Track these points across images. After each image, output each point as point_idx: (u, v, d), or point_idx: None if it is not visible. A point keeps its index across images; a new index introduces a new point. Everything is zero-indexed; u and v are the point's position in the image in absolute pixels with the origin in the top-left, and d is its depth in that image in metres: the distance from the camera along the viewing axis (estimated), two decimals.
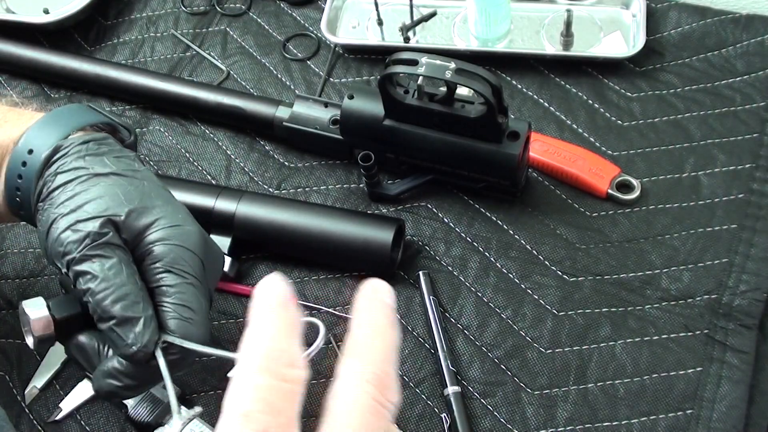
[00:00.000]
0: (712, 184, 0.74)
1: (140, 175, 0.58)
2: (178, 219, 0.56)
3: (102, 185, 0.56)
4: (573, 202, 0.75)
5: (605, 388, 0.66)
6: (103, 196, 0.55)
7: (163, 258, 0.54)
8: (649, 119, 0.79)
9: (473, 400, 0.67)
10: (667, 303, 0.69)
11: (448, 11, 0.87)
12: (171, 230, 0.55)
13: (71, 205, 0.55)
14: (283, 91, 0.86)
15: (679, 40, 0.83)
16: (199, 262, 0.56)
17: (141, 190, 0.56)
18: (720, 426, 0.63)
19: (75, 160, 0.56)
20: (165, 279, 0.54)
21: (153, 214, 0.56)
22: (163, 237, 0.55)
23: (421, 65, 0.66)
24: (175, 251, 0.55)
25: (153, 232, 0.55)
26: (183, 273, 0.54)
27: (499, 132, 0.69)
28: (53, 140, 0.57)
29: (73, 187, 0.56)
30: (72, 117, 0.60)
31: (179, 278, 0.54)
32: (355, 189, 0.78)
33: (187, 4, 0.93)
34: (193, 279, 0.55)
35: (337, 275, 0.74)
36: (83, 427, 0.68)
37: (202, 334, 0.54)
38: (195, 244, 0.56)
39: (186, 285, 0.54)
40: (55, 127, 0.58)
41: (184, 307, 0.54)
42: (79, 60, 0.87)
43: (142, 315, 0.53)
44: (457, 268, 0.73)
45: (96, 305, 0.53)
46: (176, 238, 0.55)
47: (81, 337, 0.57)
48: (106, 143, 0.59)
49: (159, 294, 0.54)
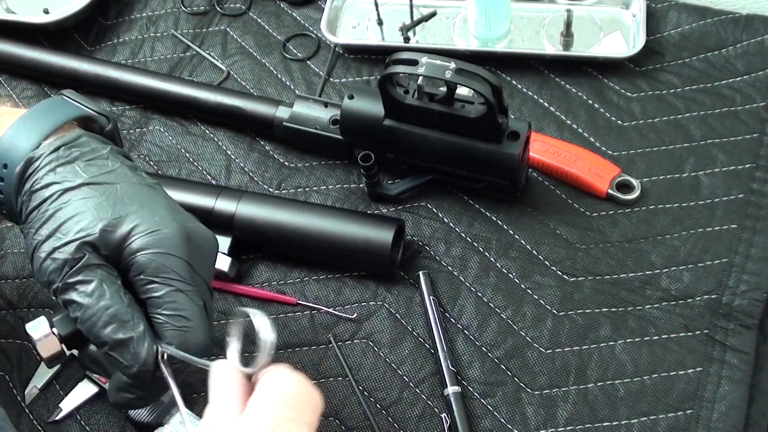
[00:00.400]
0: (712, 184, 0.74)
1: (113, 177, 0.56)
2: (155, 222, 0.55)
3: (74, 203, 0.55)
4: (573, 202, 0.75)
5: (605, 388, 0.66)
6: (75, 215, 0.54)
7: (146, 269, 0.53)
8: (649, 119, 0.79)
9: (473, 400, 0.67)
10: (667, 303, 0.69)
11: (448, 11, 0.87)
12: (149, 237, 0.54)
13: (46, 230, 0.54)
14: (283, 91, 0.86)
15: (679, 40, 0.83)
16: (183, 264, 0.54)
17: (113, 198, 0.55)
18: (720, 426, 0.63)
19: (47, 174, 0.55)
20: (152, 290, 0.53)
21: (128, 222, 0.54)
22: (141, 246, 0.54)
23: (421, 65, 0.66)
24: (156, 260, 0.53)
25: (131, 242, 0.54)
26: (169, 281, 0.54)
27: (499, 132, 0.69)
28: (26, 150, 0.56)
29: (46, 207, 0.55)
30: (44, 118, 0.58)
31: (166, 287, 0.53)
32: (355, 189, 0.78)
33: (187, 4, 0.93)
34: (181, 284, 0.54)
35: (337, 275, 0.74)
36: (83, 427, 0.68)
37: (200, 339, 0.54)
38: (176, 246, 0.54)
39: (174, 293, 0.53)
40: (28, 134, 0.57)
41: (176, 316, 0.53)
42: (79, 60, 0.87)
43: (133, 334, 0.52)
44: (457, 268, 0.73)
45: (88, 333, 0.53)
46: (155, 245, 0.54)
47: (92, 347, 0.57)
48: (78, 145, 0.57)
49: (150, 305, 0.54)
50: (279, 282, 0.74)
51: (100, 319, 0.53)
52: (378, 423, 0.66)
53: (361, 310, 0.72)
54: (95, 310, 0.53)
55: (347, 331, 0.71)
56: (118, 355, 0.53)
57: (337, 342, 0.70)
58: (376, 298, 0.72)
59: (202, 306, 0.55)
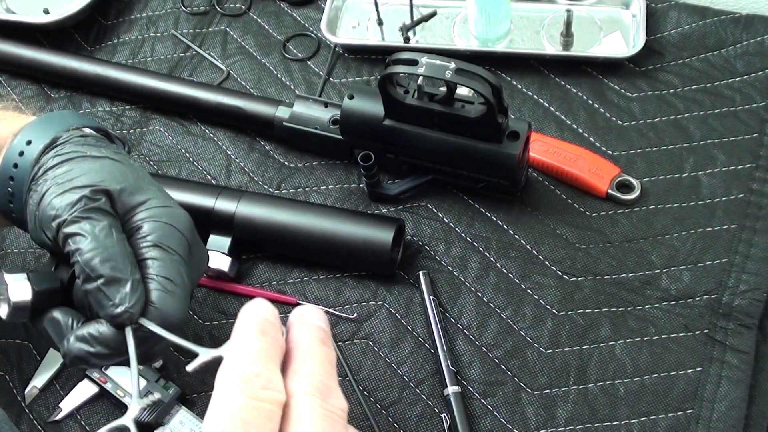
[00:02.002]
0: (712, 184, 0.74)
1: (136, 165, 0.59)
2: (170, 202, 0.58)
3: (99, 163, 0.57)
4: (573, 202, 0.75)
5: (605, 388, 0.66)
6: (99, 170, 0.56)
7: (152, 233, 0.55)
8: (649, 119, 0.79)
9: (473, 400, 0.67)
10: (667, 303, 0.69)
11: (448, 11, 0.87)
12: (162, 210, 0.56)
13: (66, 177, 0.55)
14: (283, 91, 0.86)
15: (679, 40, 0.83)
16: (186, 244, 0.56)
17: (136, 174, 0.58)
18: (720, 426, 0.63)
19: (73, 147, 0.58)
20: (151, 252, 0.54)
21: (145, 194, 0.57)
22: (153, 215, 0.56)
23: (421, 65, 0.66)
24: (164, 228, 0.55)
25: (144, 210, 0.56)
26: (170, 249, 0.55)
27: (499, 132, 0.69)
28: (52, 133, 0.58)
29: (70, 165, 0.56)
30: (70, 117, 0.61)
31: (166, 253, 0.55)
32: (355, 189, 0.78)
33: (187, 4, 0.93)
34: (179, 257, 0.55)
35: (337, 275, 0.74)
36: (83, 427, 0.68)
37: (179, 309, 0.54)
38: (184, 226, 0.57)
39: (172, 260, 0.55)
40: (55, 123, 0.60)
41: (167, 279, 0.54)
42: (79, 60, 0.87)
43: (130, 277, 0.53)
44: (457, 268, 0.73)
45: (84, 264, 0.53)
46: (166, 217, 0.56)
47: (55, 312, 0.57)
48: (103, 141, 0.60)
49: (144, 266, 0.54)
50: (279, 282, 0.74)
51: (102, 253, 0.53)
52: (378, 423, 0.66)
53: (361, 310, 0.72)
54: (99, 244, 0.53)
55: (347, 331, 0.71)
56: (109, 291, 0.52)
57: (337, 342, 0.70)
58: (376, 298, 0.72)
59: (188, 284, 0.56)
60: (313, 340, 0.45)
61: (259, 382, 0.41)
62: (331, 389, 0.43)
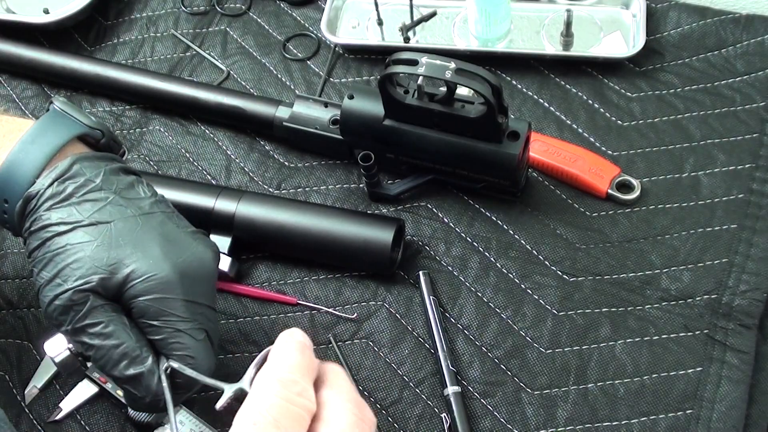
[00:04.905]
0: (712, 184, 0.74)
1: (106, 215, 0.57)
2: (150, 266, 0.56)
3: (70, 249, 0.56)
4: (573, 202, 0.75)
5: (605, 388, 0.66)
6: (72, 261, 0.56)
7: (146, 313, 0.56)
8: (649, 119, 0.79)
9: (473, 400, 0.67)
10: (667, 303, 0.69)
11: (448, 11, 0.87)
12: (144, 284, 0.56)
13: (47, 274, 0.56)
14: (283, 91, 0.86)
15: (679, 40, 0.83)
16: (181, 304, 0.56)
17: (108, 242, 0.56)
18: (720, 426, 0.63)
19: (44, 213, 0.57)
20: (155, 332, 0.56)
21: (124, 267, 0.56)
22: (139, 293, 0.56)
23: (421, 65, 0.66)
24: (154, 305, 0.56)
25: (129, 288, 0.56)
26: (168, 323, 0.56)
27: (499, 132, 0.69)
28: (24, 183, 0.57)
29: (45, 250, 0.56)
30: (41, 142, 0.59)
31: (167, 329, 0.56)
32: (355, 189, 0.78)
33: (187, 4, 0.93)
34: (181, 323, 0.56)
35: (337, 275, 0.74)
36: (83, 427, 0.68)
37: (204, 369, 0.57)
38: (172, 288, 0.56)
39: (175, 334, 0.56)
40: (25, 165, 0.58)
41: (182, 356, 0.56)
42: (79, 60, 0.87)
43: (143, 369, 0.56)
44: (457, 268, 0.73)
45: (102, 371, 0.57)
46: (152, 291, 0.56)
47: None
48: (71, 176, 0.58)
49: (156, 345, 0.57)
50: (279, 282, 0.74)
51: (111, 359, 0.56)
52: (378, 423, 0.66)
53: (361, 310, 0.72)
54: (105, 351, 0.55)
55: (347, 331, 0.71)
56: (131, 388, 0.57)
57: (337, 342, 0.70)
58: (376, 298, 0.72)
59: (204, 338, 0.58)
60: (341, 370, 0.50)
61: (296, 388, 0.46)
62: (364, 404, 0.48)
